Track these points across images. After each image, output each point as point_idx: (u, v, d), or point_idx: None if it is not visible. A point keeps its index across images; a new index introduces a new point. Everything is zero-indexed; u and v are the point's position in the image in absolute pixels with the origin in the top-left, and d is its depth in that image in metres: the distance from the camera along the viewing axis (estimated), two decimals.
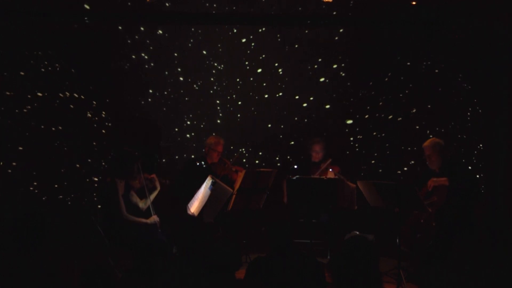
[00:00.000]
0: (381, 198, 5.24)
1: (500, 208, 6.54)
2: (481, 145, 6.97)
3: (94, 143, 7.25)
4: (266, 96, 7.70)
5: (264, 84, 7.70)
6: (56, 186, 7.03)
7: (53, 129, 7.07)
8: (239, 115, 7.71)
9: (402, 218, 5.39)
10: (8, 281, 3.25)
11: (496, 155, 6.70)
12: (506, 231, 6.12)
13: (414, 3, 6.30)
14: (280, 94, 7.65)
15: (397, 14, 6.85)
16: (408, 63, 7.31)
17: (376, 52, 7.30)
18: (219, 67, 7.67)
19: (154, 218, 5.15)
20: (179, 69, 7.61)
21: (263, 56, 7.65)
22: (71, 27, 7.06)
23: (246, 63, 7.68)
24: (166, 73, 7.59)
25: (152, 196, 5.30)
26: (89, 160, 7.22)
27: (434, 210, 5.34)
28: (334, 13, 6.96)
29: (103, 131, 7.29)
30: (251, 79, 7.69)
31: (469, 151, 7.01)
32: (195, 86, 7.65)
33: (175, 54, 7.59)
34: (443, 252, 5.12)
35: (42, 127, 7.04)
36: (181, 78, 7.63)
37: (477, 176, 6.76)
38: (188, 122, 7.68)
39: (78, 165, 7.15)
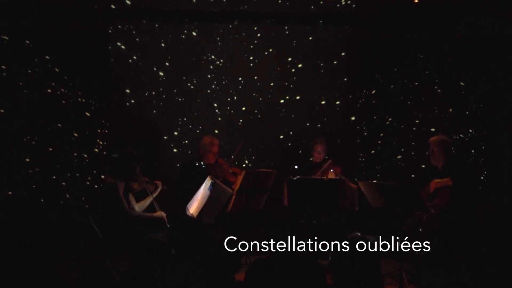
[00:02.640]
0: (383, 199, 5.19)
1: (504, 209, 6.50)
2: (482, 145, 6.92)
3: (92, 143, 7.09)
4: (270, 96, 7.21)
5: (272, 84, 7.21)
6: (52, 186, 6.92)
7: (49, 128, 6.91)
8: (241, 121, 7.26)
9: (404, 219, 5.35)
10: (6, 282, 3.22)
11: (500, 155, 6.66)
12: (509, 233, 6.07)
13: (416, 1, 6.26)
14: (298, 97, 7.17)
15: (399, 12, 6.75)
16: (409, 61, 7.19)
17: (384, 52, 7.14)
18: (217, 62, 7.19)
19: (161, 214, 5.13)
20: (166, 64, 7.09)
21: (271, 50, 7.14)
22: (64, 24, 6.84)
23: (251, 58, 7.19)
24: (155, 69, 7.09)
25: (148, 201, 5.27)
26: (86, 160, 7.07)
27: (437, 211, 5.29)
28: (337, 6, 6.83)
29: (99, 130, 7.09)
30: (255, 77, 7.21)
31: (473, 151, 6.94)
32: (189, 84, 7.20)
33: (162, 44, 7.06)
34: (446, 254, 5.07)
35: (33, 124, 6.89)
36: (174, 76, 7.14)
37: (481, 177, 6.71)
38: (178, 130, 7.19)
39: (74, 165, 7.03)
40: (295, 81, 7.23)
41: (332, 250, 5.98)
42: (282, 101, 7.26)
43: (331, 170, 6.14)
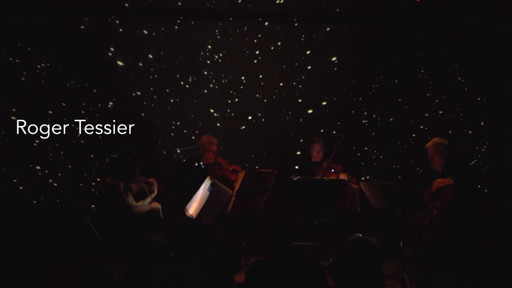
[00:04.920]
0: (385, 199, 5.15)
1: (506, 210, 6.46)
2: (485, 145, 6.86)
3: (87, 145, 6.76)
4: (275, 98, 6.69)
5: (281, 84, 6.71)
6: (50, 187, 6.75)
7: (47, 129, 6.58)
8: (243, 127, 6.84)
9: (406, 220, 5.31)
10: (5, 283, 3.20)
11: (503, 156, 6.61)
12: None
13: None
14: (324, 103, 6.65)
15: (401, 10, 6.63)
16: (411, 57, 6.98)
17: (385, 50, 6.93)
18: (216, 57, 6.68)
19: (156, 204, 5.13)
20: (151, 58, 6.51)
21: (279, 43, 6.61)
22: (59, 24, 6.52)
23: (257, 52, 6.69)
24: (141, 64, 6.53)
25: (147, 201, 5.24)
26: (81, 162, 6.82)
27: (439, 212, 5.26)
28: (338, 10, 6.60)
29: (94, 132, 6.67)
30: (261, 76, 6.76)
31: (475, 151, 6.87)
32: (182, 83, 6.75)
33: (145, 31, 6.42)
34: (448, 255, 5.03)
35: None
36: (166, 74, 6.63)
37: (480, 176, 6.65)
38: (172, 135, 6.75)
39: (71, 166, 6.84)
40: (304, 81, 6.82)
41: (333, 251, 5.96)
42: (310, 111, 6.74)
43: (332, 170, 6.09)
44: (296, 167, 6.37)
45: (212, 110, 6.89)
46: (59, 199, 6.82)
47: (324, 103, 6.92)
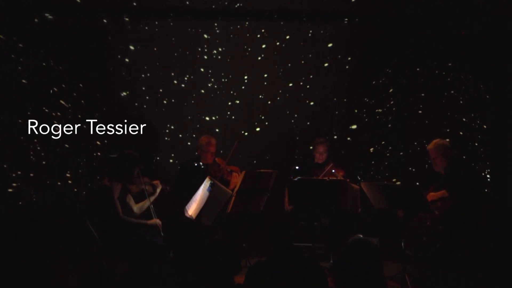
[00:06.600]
0: (386, 200, 5.13)
1: (507, 211, 6.45)
2: (487, 145, 6.83)
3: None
4: (279, 99, 6.45)
5: (291, 85, 6.41)
6: (49, 188, 6.68)
7: (46, 129, 6.51)
8: (245, 132, 6.60)
9: (407, 221, 5.29)
10: (3, 284, 3.19)
11: (505, 155, 6.59)
12: None
13: None
14: (356, 111, 6.37)
15: (403, 9, 6.57)
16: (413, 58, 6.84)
17: (384, 48, 6.78)
18: (214, 52, 6.38)
19: (156, 221, 5.09)
20: (143, 55, 6.22)
21: (287, 37, 6.32)
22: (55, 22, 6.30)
23: (262, 48, 6.39)
24: (127, 60, 6.23)
25: (146, 203, 5.20)
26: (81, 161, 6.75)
27: (440, 213, 5.26)
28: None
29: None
30: (265, 75, 6.48)
31: (477, 150, 6.83)
32: (176, 82, 6.46)
33: (138, 26, 6.16)
34: (450, 256, 5.02)
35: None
36: (160, 72, 6.33)
37: (482, 178, 6.63)
38: (166, 139, 6.48)
39: (69, 166, 6.75)
40: (312, 81, 6.57)
41: (333, 252, 5.94)
42: (354, 126, 6.56)
43: (333, 171, 6.07)
44: (297, 167, 6.35)
45: (210, 112, 6.64)
46: (58, 199, 6.81)
47: (356, 111, 6.65)
